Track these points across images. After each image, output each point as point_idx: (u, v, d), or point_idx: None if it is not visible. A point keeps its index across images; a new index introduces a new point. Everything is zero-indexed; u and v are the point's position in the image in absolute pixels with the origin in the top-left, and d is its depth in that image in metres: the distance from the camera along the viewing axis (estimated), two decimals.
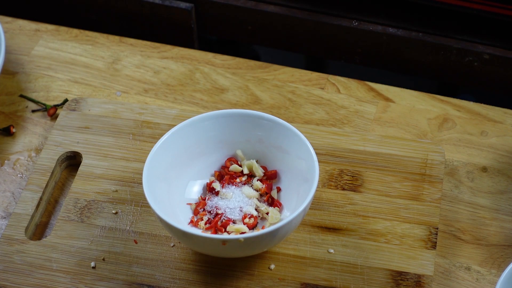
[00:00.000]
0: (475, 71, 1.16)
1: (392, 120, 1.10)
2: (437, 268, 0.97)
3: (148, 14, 1.24)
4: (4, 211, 1.03)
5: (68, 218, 0.99)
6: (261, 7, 1.20)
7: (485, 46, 1.14)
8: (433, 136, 1.09)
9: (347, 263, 0.95)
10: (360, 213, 0.99)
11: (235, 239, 0.88)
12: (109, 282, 0.94)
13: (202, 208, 0.98)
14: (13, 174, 1.06)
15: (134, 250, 0.97)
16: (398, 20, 1.17)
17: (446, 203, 1.02)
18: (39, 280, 0.94)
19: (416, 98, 1.13)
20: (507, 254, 0.98)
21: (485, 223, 1.01)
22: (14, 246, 0.97)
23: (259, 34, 1.23)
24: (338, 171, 1.03)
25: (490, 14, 1.13)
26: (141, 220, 0.99)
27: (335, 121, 1.10)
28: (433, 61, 1.17)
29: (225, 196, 0.98)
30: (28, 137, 1.10)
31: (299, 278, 0.94)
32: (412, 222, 0.98)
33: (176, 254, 0.96)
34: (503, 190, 1.03)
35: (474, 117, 1.11)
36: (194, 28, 1.24)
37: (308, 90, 1.14)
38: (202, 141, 0.99)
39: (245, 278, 0.94)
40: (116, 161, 1.04)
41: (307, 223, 0.98)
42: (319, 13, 1.19)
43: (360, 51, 1.20)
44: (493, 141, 1.08)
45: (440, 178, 1.02)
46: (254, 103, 1.13)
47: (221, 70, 1.16)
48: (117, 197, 1.01)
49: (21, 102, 1.14)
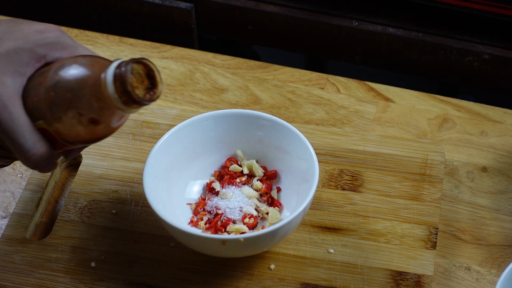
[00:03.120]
0: (475, 71, 1.16)
1: (392, 120, 1.11)
2: (437, 268, 0.97)
3: (148, 14, 1.24)
4: (4, 211, 1.03)
5: (68, 218, 0.99)
6: (261, 7, 1.20)
7: (485, 46, 1.14)
8: (433, 136, 1.09)
9: (347, 263, 0.95)
10: (360, 213, 0.99)
11: (235, 239, 0.88)
12: (109, 282, 0.94)
13: (202, 208, 0.98)
14: (13, 174, 1.06)
15: (134, 250, 0.97)
16: (398, 20, 1.17)
17: (446, 203, 1.02)
18: (39, 280, 0.94)
19: (416, 98, 1.13)
20: (507, 254, 0.98)
21: (485, 223, 1.01)
22: (14, 246, 0.97)
23: (259, 34, 1.23)
24: (338, 171, 1.03)
25: (490, 14, 1.13)
26: (141, 220, 0.99)
27: (335, 121, 1.10)
28: (433, 61, 1.17)
29: (225, 196, 0.98)
30: None
31: (299, 278, 0.94)
32: (412, 222, 0.98)
33: (176, 254, 0.96)
34: (503, 190, 1.03)
35: (474, 117, 1.11)
36: (194, 28, 1.24)
37: (308, 90, 1.14)
38: (202, 141, 0.99)
39: (245, 278, 0.94)
40: (116, 161, 1.04)
41: (307, 223, 0.98)
42: (319, 13, 1.19)
43: (360, 51, 1.20)
44: (493, 141, 1.08)
45: (440, 178, 1.02)
46: (254, 103, 1.13)
47: (221, 70, 1.16)
48: (117, 197, 1.01)
49: None
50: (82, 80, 0.82)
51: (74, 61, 0.83)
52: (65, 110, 0.82)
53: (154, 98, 0.83)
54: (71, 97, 0.82)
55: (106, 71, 0.82)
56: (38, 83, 0.83)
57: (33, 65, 0.84)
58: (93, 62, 0.84)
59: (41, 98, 0.82)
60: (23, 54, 0.83)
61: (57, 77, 0.82)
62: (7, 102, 0.81)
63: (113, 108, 0.82)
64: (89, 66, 0.83)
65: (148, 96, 0.82)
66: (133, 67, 0.81)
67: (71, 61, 0.84)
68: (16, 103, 0.82)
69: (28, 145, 0.82)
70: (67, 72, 0.83)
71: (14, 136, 0.82)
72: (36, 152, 0.82)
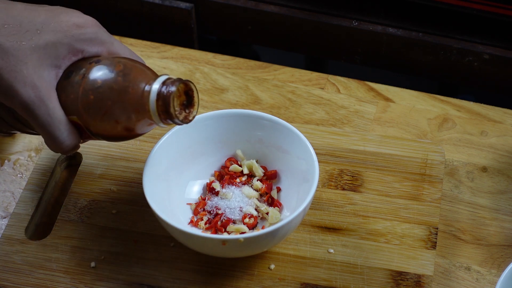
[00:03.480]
0: (475, 71, 1.16)
1: (392, 120, 1.11)
2: (437, 268, 0.97)
3: (148, 14, 1.24)
4: (4, 211, 1.03)
5: (68, 218, 0.99)
6: (261, 7, 1.20)
7: (485, 46, 1.14)
8: (433, 136, 1.09)
9: (347, 263, 0.95)
10: (360, 213, 0.99)
11: (235, 239, 0.88)
12: (109, 282, 0.94)
13: (202, 208, 0.98)
14: (13, 174, 1.06)
15: (134, 250, 0.97)
16: (398, 20, 1.17)
17: (446, 203, 1.02)
18: (39, 280, 0.95)
19: (416, 98, 1.13)
20: (507, 254, 0.98)
21: (485, 223, 1.01)
22: (14, 246, 0.97)
23: (259, 34, 1.23)
24: (338, 171, 1.03)
25: (490, 14, 1.13)
26: (141, 220, 0.99)
27: (335, 121, 1.10)
28: (433, 61, 1.17)
29: (225, 196, 0.98)
30: (28, 137, 1.10)
31: (299, 278, 0.94)
32: (412, 222, 0.98)
33: (176, 254, 0.96)
34: (503, 190, 1.03)
35: (474, 117, 1.11)
36: (194, 28, 1.24)
37: (308, 90, 1.14)
38: (202, 141, 0.99)
39: (245, 278, 0.94)
40: (116, 161, 1.04)
41: (307, 223, 0.98)
42: (319, 13, 1.19)
43: (360, 51, 1.20)
44: (493, 141, 1.08)
45: (440, 178, 1.02)
46: (254, 103, 1.13)
47: (221, 70, 1.16)
48: (117, 197, 1.01)
49: None
50: (125, 90, 0.85)
51: (117, 67, 0.85)
52: (102, 116, 0.85)
53: (190, 120, 0.86)
54: (111, 105, 0.84)
55: (150, 86, 0.85)
56: (76, 82, 0.85)
57: (70, 58, 0.86)
58: (137, 72, 0.86)
59: (79, 97, 0.85)
60: (61, 47, 0.85)
61: (99, 82, 0.84)
62: (44, 97, 0.84)
63: (148, 121, 0.86)
64: (132, 76, 0.85)
65: (184, 116, 0.86)
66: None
67: (113, 65, 0.85)
68: (52, 97, 0.85)
69: (62, 138, 0.86)
70: (109, 78, 0.85)
71: (49, 129, 0.85)
72: (69, 143, 0.87)
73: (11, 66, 0.83)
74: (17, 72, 0.83)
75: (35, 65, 0.84)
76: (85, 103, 0.85)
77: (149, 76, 0.86)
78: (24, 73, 0.83)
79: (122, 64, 0.85)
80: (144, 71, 0.86)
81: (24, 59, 0.84)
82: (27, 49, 0.84)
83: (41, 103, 0.84)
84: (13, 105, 0.85)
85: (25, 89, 0.83)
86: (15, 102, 0.84)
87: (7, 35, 0.84)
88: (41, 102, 0.84)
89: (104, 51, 0.88)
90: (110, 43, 0.89)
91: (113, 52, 0.89)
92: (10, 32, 0.84)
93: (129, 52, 0.90)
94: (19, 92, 0.83)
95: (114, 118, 0.85)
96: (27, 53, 0.84)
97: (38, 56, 0.84)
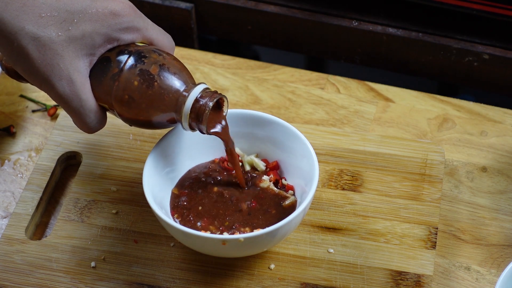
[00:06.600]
0: (475, 71, 1.16)
1: (392, 120, 1.11)
2: (437, 268, 0.97)
3: (148, 14, 1.23)
4: (4, 211, 1.03)
5: (68, 218, 0.99)
6: (261, 7, 1.20)
7: (485, 46, 1.14)
8: (433, 136, 1.09)
9: (347, 263, 0.95)
10: (360, 213, 0.99)
11: (235, 239, 0.88)
12: (109, 282, 0.94)
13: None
14: (13, 174, 1.06)
15: (134, 250, 0.97)
16: (398, 20, 1.17)
17: (446, 203, 1.02)
18: (39, 280, 0.95)
19: (416, 98, 1.13)
20: (507, 254, 0.98)
21: (485, 223, 1.01)
22: (14, 246, 0.97)
23: (259, 34, 1.23)
24: (338, 171, 1.03)
25: (490, 14, 1.13)
26: (141, 220, 0.99)
27: (335, 121, 1.10)
28: (433, 61, 1.17)
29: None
30: (28, 137, 1.10)
31: (299, 278, 0.94)
32: (412, 222, 0.98)
33: (176, 254, 0.96)
34: (503, 190, 1.03)
35: (474, 117, 1.11)
36: (194, 28, 1.24)
37: (308, 90, 1.14)
38: (202, 141, 0.99)
39: (245, 278, 0.94)
40: (116, 161, 1.04)
41: (307, 223, 0.98)
42: (319, 13, 1.19)
43: (360, 51, 1.20)
44: (493, 141, 1.08)
45: (440, 178, 1.02)
46: (254, 103, 1.13)
47: (221, 70, 1.16)
48: (117, 197, 1.01)
49: (21, 102, 1.14)
50: (160, 98, 0.87)
51: (153, 69, 0.87)
52: (135, 114, 0.87)
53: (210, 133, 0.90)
54: (144, 108, 0.87)
55: (188, 94, 0.87)
56: (111, 76, 0.87)
57: (105, 46, 0.88)
58: (173, 77, 0.87)
59: (113, 93, 0.87)
60: (97, 37, 0.86)
61: (135, 84, 0.86)
62: (78, 91, 0.86)
63: (176, 123, 0.89)
64: (169, 83, 0.87)
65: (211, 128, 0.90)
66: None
67: (150, 65, 0.87)
68: (86, 88, 0.87)
69: (92, 124, 0.89)
70: (145, 81, 0.87)
71: (81, 117, 0.88)
72: (97, 126, 0.90)
73: (48, 60, 0.84)
74: (54, 66, 0.84)
75: (71, 57, 0.85)
76: (119, 100, 0.87)
77: (185, 81, 0.88)
78: (60, 66, 0.85)
79: (158, 66, 0.87)
80: (180, 75, 0.88)
81: (61, 52, 0.84)
82: (63, 41, 0.84)
83: (75, 96, 0.86)
84: (50, 95, 0.87)
85: (61, 83, 0.85)
86: (51, 93, 0.86)
87: (44, 26, 0.84)
88: (75, 95, 0.86)
89: (139, 38, 0.89)
90: (145, 28, 0.90)
91: (148, 38, 0.90)
92: (47, 23, 0.84)
93: (161, 36, 0.91)
94: (55, 86, 0.85)
95: (145, 116, 0.88)
96: (64, 45, 0.84)
97: (74, 47, 0.85)
